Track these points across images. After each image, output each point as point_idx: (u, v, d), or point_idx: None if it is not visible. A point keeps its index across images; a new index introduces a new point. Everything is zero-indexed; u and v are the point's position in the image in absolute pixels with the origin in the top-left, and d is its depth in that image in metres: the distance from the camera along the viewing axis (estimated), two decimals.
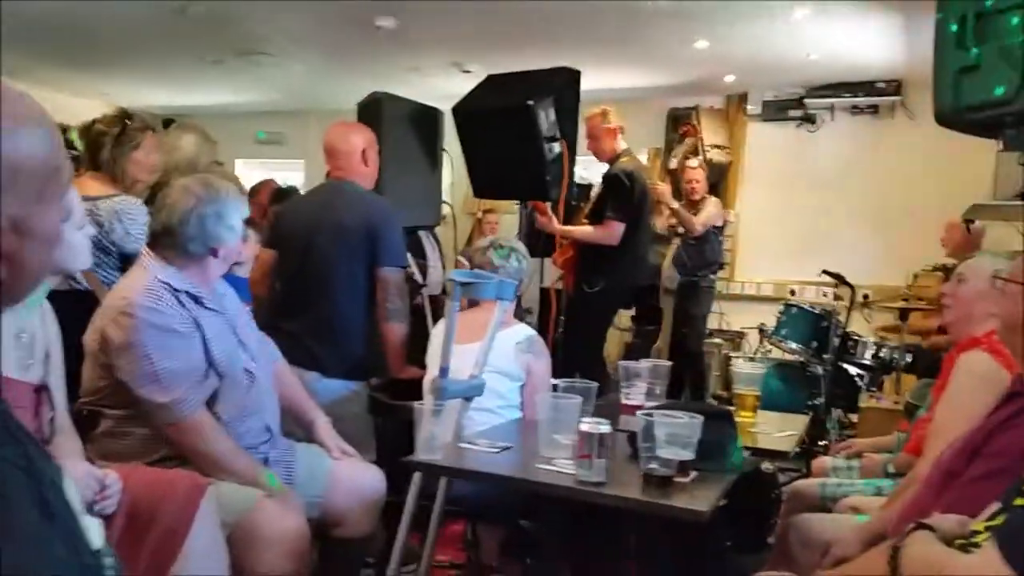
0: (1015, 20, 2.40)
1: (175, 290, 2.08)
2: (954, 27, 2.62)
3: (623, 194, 4.04)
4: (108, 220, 2.76)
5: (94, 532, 1.06)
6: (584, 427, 1.77)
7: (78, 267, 1.91)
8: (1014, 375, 1.59)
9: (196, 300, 2.13)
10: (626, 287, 4.31)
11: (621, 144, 4.28)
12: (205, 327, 2.10)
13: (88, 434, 2.12)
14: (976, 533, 1.20)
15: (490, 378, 2.52)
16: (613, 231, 4.05)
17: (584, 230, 4.20)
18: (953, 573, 1.12)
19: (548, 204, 4.05)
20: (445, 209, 4.69)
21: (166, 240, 2.13)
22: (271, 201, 4.96)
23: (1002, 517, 1.17)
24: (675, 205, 5.34)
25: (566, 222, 4.35)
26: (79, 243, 1.83)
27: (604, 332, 4.43)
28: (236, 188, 2.27)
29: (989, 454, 1.42)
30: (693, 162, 5.74)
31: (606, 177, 4.22)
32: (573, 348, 4.06)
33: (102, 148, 2.86)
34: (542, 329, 4.18)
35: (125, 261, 2.78)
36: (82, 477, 1.64)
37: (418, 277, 4.30)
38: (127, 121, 2.92)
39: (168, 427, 2.03)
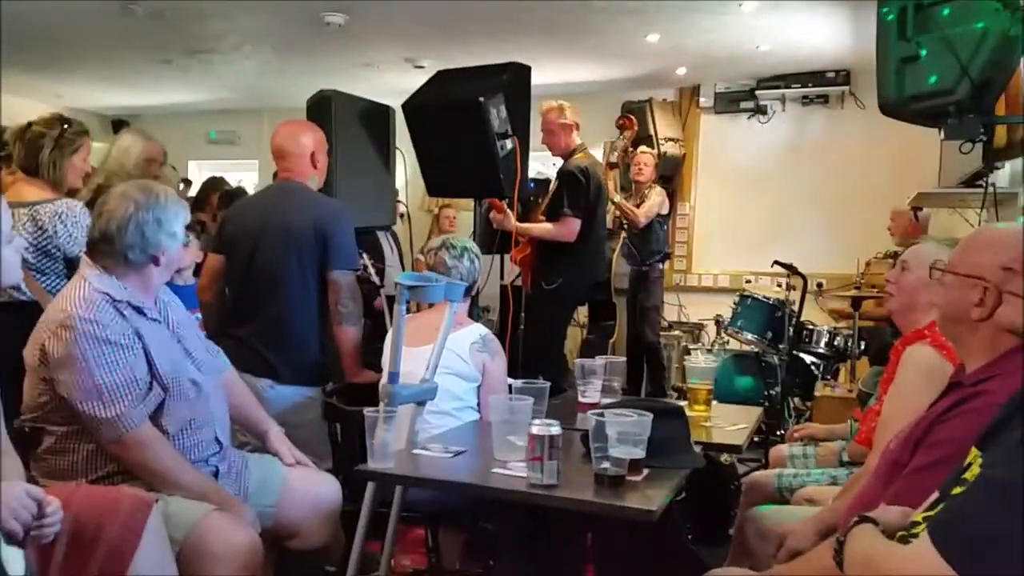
0: (951, 11, 2.45)
1: (115, 300, 2.03)
2: (894, 18, 2.67)
3: (579, 190, 4.04)
4: (51, 224, 2.70)
5: (15, 563, 1.02)
6: (534, 429, 1.76)
7: (9, 282, 1.85)
8: (956, 366, 1.61)
9: (137, 310, 2.07)
10: (584, 282, 4.30)
11: (576, 139, 4.27)
12: (147, 338, 2.05)
13: (31, 452, 2.07)
14: (916, 524, 1.22)
15: (445, 380, 2.51)
16: (570, 227, 4.05)
17: (542, 227, 4.19)
18: (888, 566, 1.14)
19: (504, 200, 4.04)
20: (401, 208, 4.66)
21: (104, 248, 2.07)
22: (219, 205, 4.88)
23: (939, 507, 1.18)
24: (617, 199, 5.35)
25: (522, 218, 4.35)
26: (9, 257, 1.77)
27: (564, 329, 4.43)
28: (177, 195, 2.20)
29: (931, 444, 1.43)
30: (644, 147, 5.74)
31: (562, 173, 4.21)
32: (533, 346, 4.06)
33: (41, 150, 2.79)
34: (503, 326, 4.18)
35: (70, 266, 2.73)
36: (17, 500, 1.59)
37: (375, 279, 4.26)
38: (65, 125, 2.85)
39: (112, 443, 1.97)
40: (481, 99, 3.44)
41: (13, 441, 1.92)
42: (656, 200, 5.45)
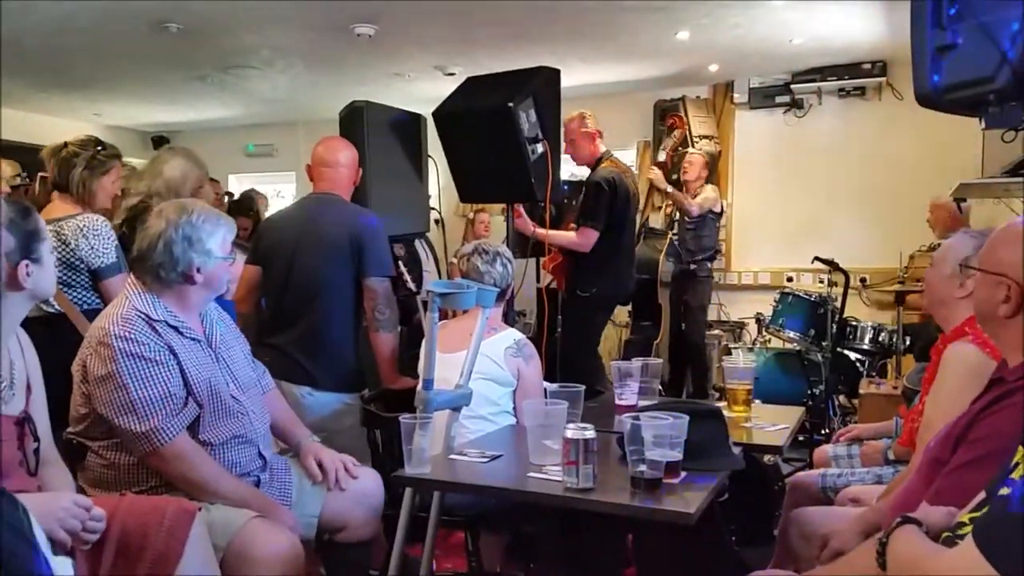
0: None
1: (151, 319, 2.07)
2: (930, 6, 2.61)
3: (603, 202, 4.05)
4: (73, 238, 2.79)
5: (64, 571, 1.05)
6: (568, 434, 1.76)
7: (52, 291, 1.91)
8: (999, 362, 1.57)
9: (174, 329, 2.11)
10: (619, 290, 4.30)
11: (600, 147, 4.27)
12: (182, 355, 2.09)
13: (78, 463, 2.12)
14: (961, 525, 1.19)
15: (481, 385, 2.52)
16: (587, 238, 4.06)
17: (561, 235, 4.19)
18: (933, 568, 1.11)
19: (521, 205, 4.05)
20: (435, 214, 4.68)
21: (140, 266, 2.13)
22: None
23: (986, 508, 1.15)
24: (669, 188, 5.33)
25: (557, 221, 4.34)
26: (52, 266, 1.83)
27: (598, 333, 4.39)
28: (217, 212, 2.21)
29: (973, 441, 1.40)
30: (691, 149, 5.74)
31: (587, 183, 4.21)
32: (568, 350, 4.05)
33: (73, 169, 2.88)
34: (540, 330, 4.17)
35: (95, 277, 2.80)
36: (65, 510, 1.63)
37: (412, 285, 4.30)
38: (99, 147, 2.94)
39: (149, 456, 2.02)
40: (510, 104, 3.44)
41: (61, 452, 1.98)
42: (711, 195, 5.43)
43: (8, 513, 0.78)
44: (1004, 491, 1.12)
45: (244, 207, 5.65)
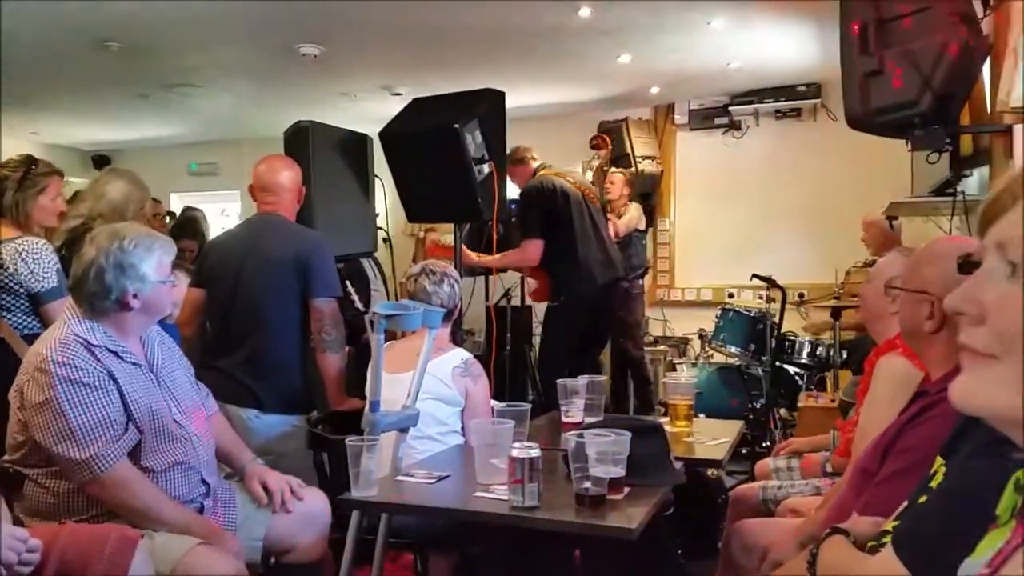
0: (906, 26, 2.51)
1: (90, 344, 2.03)
2: (857, 34, 2.73)
3: (534, 210, 4.14)
4: (12, 262, 2.73)
5: None
6: (514, 452, 1.78)
7: None
8: (925, 375, 1.65)
9: (114, 354, 2.07)
10: (586, 295, 4.24)
11: (533, 165, 4.38)
12: (122, 380, 2.05)
13: (15, 492, 2.07)
14: (885, 533, 1.25)
15: (429, 405, 2.53)
16: (528, 249, 4.12)
17: (503, 256, 4.24)
18: (856, 575, 1.16)
19: (486, 223, 4.08)
20: (382, 234, 4.68)
21: (76, 293, 2.09)
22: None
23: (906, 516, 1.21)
24: None
25: (506, 240, 4.38)
26: None
27: (565, 346, 4.35)
28: (151, 235, 2.16)
29: (898, 451, 1.47)
30: (612, 169, 5.83)
31: (520, 196, 4.28)
32: (541, 364, 4.12)
33: (4, 193, 2.82)
34: (489, 348, 4.20)
35: (35, 302, 2.75)
36: (3, 541, 1.59)
37: (359, 305, 4.28)
38: (32, 166, 2.88)
39: (88, 484, 1.98)
40: (457, 125, 3.48)
41: None
42: (633, 215, 5.52)
43: None
44: (922, 499, 1.19)
45: (188, 229, 5.50)
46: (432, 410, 2.56)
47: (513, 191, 4.78)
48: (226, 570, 1.95)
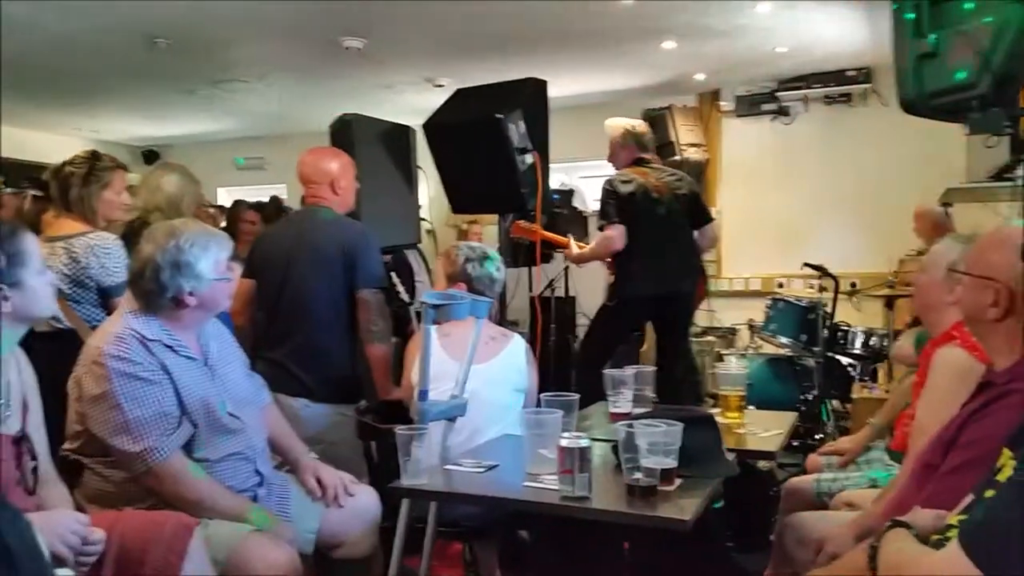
0: (969, 5, 2.43)
1: (145, 339, 2.06)
2: (910, 15, 2.65)
3: (608, 199, 3.95)
4: (84, 256, 2.77)
5: None
6: (563, 442, 1.77)
7: (43, 313, 1.89)
8: (988, 365, 1.60)
9: (169, 348, 2.10)
10: (640, 297, 4.00)
11: (630, 154, 4.11)
12: (176, 374, 2.07)
13: (75, 479, 2.12)
14: (950, 527, 1.21)
15: (513, 398, 2.57)
16: (605, 240, 3.93)
17: (588, 248, 4.14)
18: (919, 569, 1.13)
19: (531, 213, 4.03)
20: (426, 225, 4.70)
21: (133, 289, 2.12)
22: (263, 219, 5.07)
23: (973, 510, 1.17)
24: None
25: (549, 230, 4.34)
26: (41, 288, 1.82)
27: (603, 347, 4.20)
28: (208, 233, 2.17)
29: (962, 445, 1.42)
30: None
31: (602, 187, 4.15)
32: (582, 356, 4.06)
33: (71, 188, 2.87)
34: (533, 339, 4.19)
35: (105, 296, 2.80)
36: (65, 526, 1.63)
37: (404, 296, 4.31)
38: (96, 161, 2.94)
39: (143, 476, 2.01)
40: (499, 115, 3.47)
41: (58, 467, 1.98)
42: None
43: (23, 532, 0.79)
44: (989, 493, 1.15)
45: (271, 212, 5.45)
46: (515, 403, 2.59)
47: (555, 179, 4.75)
48: (279, 558, 1.97)
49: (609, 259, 4.13)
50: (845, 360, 5.09)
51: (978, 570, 1.01)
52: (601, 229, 3.98)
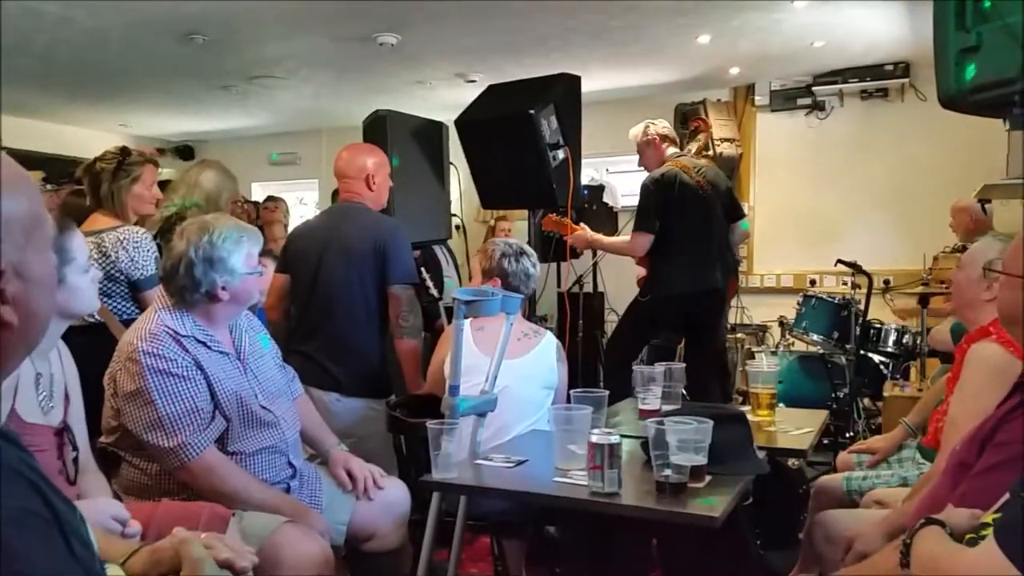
0: None
1: (179, 335, 2.10)
2: (953, 8, 2.60)
3: (646, 204, 3.93)
4: (113, 250, 2.83)
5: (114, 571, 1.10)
6: (593, 438, 1.78)
7: (85, 310, 1.94)
8: None
9: (202, 344, 2.14)
10: (674, 297, 3.98)
11: (668, 152, 4.12)
12: (209, 369, 2.11)
13: (112, 470, 2.17)
14: (985, 526, 1.20)
15: (542, 395, 2.58)
16: (635, 242, 3.94)
17: (613, 241, 4.16)
18: (954, 568, 1.12)
19: (560, 210, 4.02)
20: (455, 221, 4.72)
21: (167, 285, 2.16)
22: None
23: (1009, 508, 1.16)
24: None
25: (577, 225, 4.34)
26: (85, 287, 1.86)
27: (632, 343, 4.26)
28: (240, 228, 2.21)
29: (997, 444, 1.40)
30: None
31: (640, 187, 4.08)
32: (610, 351, 4.04)
33: (101, 184, 2.92)
34: (561, 334, 4.19)
35: (134, 289, 2.85)
36: (103, 515, 1.67)
37: (433, 291, 4.34)
38: (125, 156, 2.99)
39: (177, 470, 2.06)
40: (532, 111, 3.47)
41: (96, 458, 2.03)
42: None
43: (77, 525, 0.83)
44: None
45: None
46: (547, 400, 2.60)
47: (586, 174, 4.72)
48: (312, 548, 2.00)
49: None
50: (877, 358, 5.03)
51: (1015, 568, 1.00)
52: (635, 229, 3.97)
